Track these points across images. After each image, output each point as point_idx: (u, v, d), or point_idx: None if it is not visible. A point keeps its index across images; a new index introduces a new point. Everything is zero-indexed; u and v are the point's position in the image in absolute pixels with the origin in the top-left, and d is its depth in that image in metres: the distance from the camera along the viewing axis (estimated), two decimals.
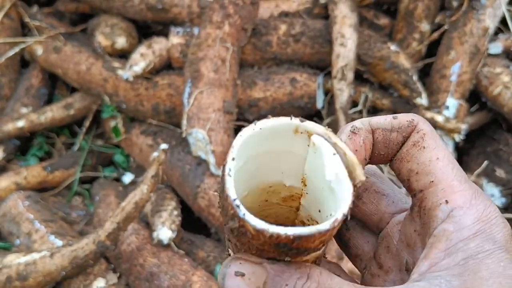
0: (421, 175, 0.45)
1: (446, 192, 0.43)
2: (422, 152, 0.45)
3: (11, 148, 1.68)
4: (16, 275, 1.19)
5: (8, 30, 1.72)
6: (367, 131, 0.47)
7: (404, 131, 0.47)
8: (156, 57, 1.57)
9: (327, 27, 1.55)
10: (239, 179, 0.47)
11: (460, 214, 0.42)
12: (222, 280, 0.43)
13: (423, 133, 0.46)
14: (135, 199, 1.16)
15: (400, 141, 0.47)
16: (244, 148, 0.46)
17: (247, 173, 0.49)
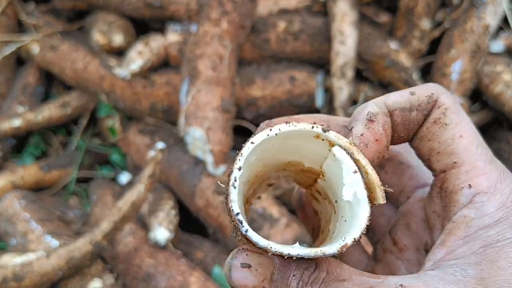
0: (443, 155, 0.41)
1: (470, 174, 0.40)
2: (444, 130, 0.42)
3: (8, 147, 1.67)
4: (12, 276, 1.17)
5: (4, 28, 1.71)
6: (384, 114, 0.43)
7: (424, 109, 0.43)
8: (154, 55, 1.55)
9: (326, 24, 1.54)
10: (252, 165, 0.47)
11: (483, 200, 0.39)
12: (229, 272, 0.42)
13: (444, 108, 0.42)
14: (132, 199, 1.15)
15: (421, 120, 0.43)
16: (256, 149, 0.45)
17: (262, 160, 0.48)
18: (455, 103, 0.42)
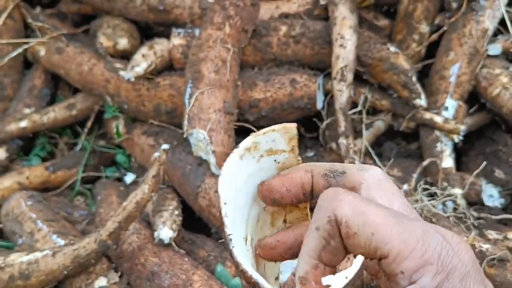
0: (371, 254, 0.43)
1: (398, 261, 0.41)
2: (357, 238, 0.42)
3: (14, 148, 1.69)
4: (19, 274, 1.20)
5: (11, 31, 1.74)
6: (313, 268, 0.44)
7: (334, 234, 0.43)
8: (158, 58, 1.58)
9: (327, 28, 1.56)
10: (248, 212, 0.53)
11: (419, 276, 0.41)
12: None
13: (345, 221, 0.42)
14: (136, 199, 1.17)
15: (340, 241, 0.44)
16: (233, 176, 0.50)
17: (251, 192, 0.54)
18: (354, 205, 0.43)
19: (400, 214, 0.44)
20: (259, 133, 0.51)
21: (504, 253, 1.15)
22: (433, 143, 1.52)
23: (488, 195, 1.49)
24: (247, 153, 0.51)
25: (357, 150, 1.51)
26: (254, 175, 0.53)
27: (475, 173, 1.44)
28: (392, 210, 0.44)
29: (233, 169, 0.51)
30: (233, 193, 0.51)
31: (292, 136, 0.52)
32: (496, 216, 1.39)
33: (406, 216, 0.44)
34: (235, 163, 0.51)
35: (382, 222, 0.41)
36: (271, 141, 0.52)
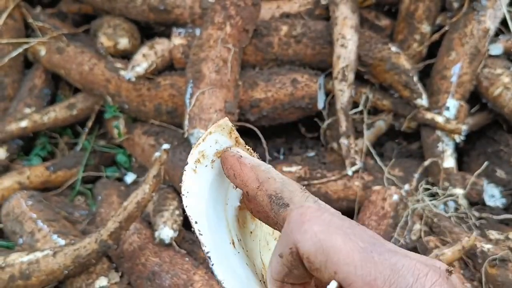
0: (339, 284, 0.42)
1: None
2: (322, 273, 0.41)
3: (14, 148, 1.69)
4: (19, 274, 1.19)
5: (11, 31, 1.73)
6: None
7: (296, 266, 0.43)
8: (158, 57, 1.58)
9: (328, 28, 1.56)
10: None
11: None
12: None
13: (306, 257, 0.42)
14: (137, 199, 1.17)
15: (304, 271, 0.44)
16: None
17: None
18: (317, 240, 0.41)
19: (373, 246, 0.41)
20: (199, 142, 0.53)
21: (505, 253, 1.15)
22: (435, 143, 1.52)
23: (489, 195, 1.48)
24: (198, 164, 0.53)
25: (358, 150, 1.51)
26: (215, 180, 0.54)
27: (477, 173, 1.44)
28: (363, 239, 0.41)
29: (192, 185, 0.52)
30: (203, 208, 0.52)
31: (230, 129, 0.54)
32: (497, 216, 1.39)
33: (379, 249, 0.41)
34: (191, 179, 0.52)
35: (346, 261, 0.40)
36: (214, 143, 0.53)
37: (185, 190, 0.51)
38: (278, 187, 0.48)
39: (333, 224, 0.42)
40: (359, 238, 0.41)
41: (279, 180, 0.49)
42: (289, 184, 0.49)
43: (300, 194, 0.47)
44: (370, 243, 0.41)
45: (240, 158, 0.52)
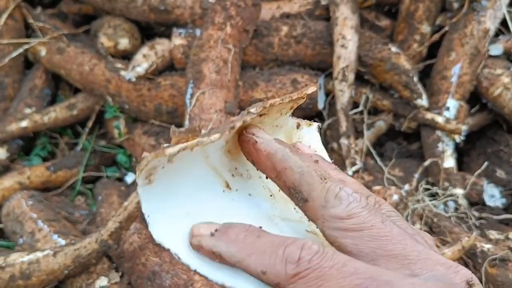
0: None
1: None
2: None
3: (15, 148, 1.69)
4: (20, 274, 1.19)
5: (12, 31, 1.74)
6: None
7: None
8: (159, 58, 1.58)
9: (328, 28, 1.56)
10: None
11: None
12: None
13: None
14: (137, 199, 1.17)
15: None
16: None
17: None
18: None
19: (371, 280, 0.39)
20: (142, 167, 0.44)
21: (505, 253, 1.15)
22: (435, 143, 1.52)
23: (489, 195, 1.49)
24: (151, 177, 0.45)
25: (358, 150, 1.51)
26: (177, 163, 0.46)
27: (477, 173, 1.44)
28: (366, 273, 0.40)
29: (149, 201, 0.45)
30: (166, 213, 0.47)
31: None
32: (497, 216, 1.39)
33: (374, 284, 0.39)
34: (147, 195, 0.45)
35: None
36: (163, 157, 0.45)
37: (145, 212, 0.45)
38: (296, 179, 0.44)
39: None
40: (354, 276, 0.40)
41: (297, 171, 0.45)
42: (308, 174, 0.44)
43: (319, 187, 0.43)
44: (366, 278, 0.39)
45: (255, 144, 0.47)
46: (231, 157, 0.52)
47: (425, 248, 0.42)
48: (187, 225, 0.47)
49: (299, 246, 0.40)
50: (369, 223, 0.42)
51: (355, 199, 0.43)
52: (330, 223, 0.43)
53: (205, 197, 0.49)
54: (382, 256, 0.41)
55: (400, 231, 0.42)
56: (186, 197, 0.48)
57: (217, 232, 0.45)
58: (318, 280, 0.38)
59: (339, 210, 0.43)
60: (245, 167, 0.52)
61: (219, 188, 0.50)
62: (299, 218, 0.52)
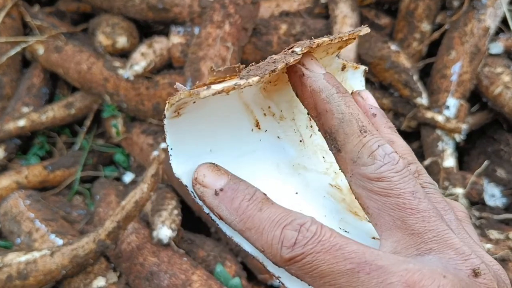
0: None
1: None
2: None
3: (12, 147, 1.68)
4: (17, 274, 1.19)
5: (9, 29, 1.73)
6: None
7: None
8: (157, 56, 1.57)
9: (327, 27, 1.56)
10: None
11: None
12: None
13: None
14: (135, 198, 1.16)
15: None
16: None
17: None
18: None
19: (365, 265, 0.38)
20: (173, 101, 0.41)
21: (506, 252, 1.14)
22: (435, 142, 1.51)
23: (489, 194, 1.48)
24: (180, 110, 0.42)
25: None
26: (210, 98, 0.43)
27: (477, 172, 1.43)
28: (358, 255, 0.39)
29: (176, 133, 0.43)
30: (190, 144, 0.44)
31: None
32: (498, 216, 1.39)
33: (368, 267, 0.38)
34: (174, 129, 0.43)
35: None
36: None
37: (170, 144, 0.43)
38: (334, 126, 0.42)
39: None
40: (348, 260, 0.39)
41: (337, 116, 0.41)
42: (347, 123, 0.41)
43: (356, 140, 0.41)
44: (360, 263, 0.38)
45: (302, 77, 0.43)
46: (266, 95, 0.49)
47: (447, 229, 0.40)
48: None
49: (297, 228, 0.39)
50: (398, 190, 0.40)
51: (391, 161, 0.40)
52: (357, 180, 0.41)
53: (232, 135, 0.47)
54: (399, 229, 0.40)
55: (428, 206, 0.40)
56: (212, 133, 0.46)
57: (221, 193, 0.43)
58: (312, 264, 0.38)
59: (370, 169, 0.40)
60: (279, 107, 0.50)
61: (248, 126, 0.48)
62: (325, 170, 0.50)
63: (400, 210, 0.40)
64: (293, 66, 0.44)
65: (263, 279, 1.28)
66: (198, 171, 0.44)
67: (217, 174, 0.44)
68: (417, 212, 0.40)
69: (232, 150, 0.47)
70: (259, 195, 0.43)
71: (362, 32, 0.47)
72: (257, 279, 1.30)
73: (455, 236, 0.40)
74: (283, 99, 0.49)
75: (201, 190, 0.44)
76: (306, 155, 0.50)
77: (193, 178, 0.44)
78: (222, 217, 0.43)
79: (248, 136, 0.48)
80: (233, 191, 0.43)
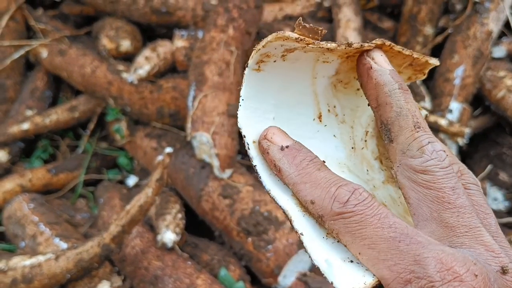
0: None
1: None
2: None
3: (16, 151, 1.69)
4: (22, 278, 1.19)
5: (13, 32, 1.73)
6: None
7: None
8: (161, 60, 1.57)
9: (331, 30, 1.56)
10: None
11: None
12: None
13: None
14: (139, 203, 1.17)
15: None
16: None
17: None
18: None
19: (402, 236, 0.41)
20: (259, 47, 0.45)
21: None
22: None
23: (492, 198, 1.48)
24: (262, 64, 0.46)
25: None
26: (291, 67, 0.47)
27: (480, 177, 1.43)
28: (396, 230, 0.41)
29: (254, 86, 0.47)
30: (266, 107, 0.48)
31: (289, 34, 0.44)
32: (500, 219, 1.39)
33: (408, 240, 0.40)
34: (252, 80, 0.46)
35: (371, 246, 0.41)
36: (280, 46, 0.45)
37: (243, 95, 0.47)
38: (391, 118, 0.44)
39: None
40: (391, 228, 0.41)
41: (395, 110, 0.44)
42: (404, 117, 0.44)
43: (408, 133, 0.43)
44: (402, 233, 0.41)
45: (369, 69, 0.46)
46: (335, 93, 0.52)
47: (479, 226, 0.42)
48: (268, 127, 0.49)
49: (351, 190, 0.42)
50: (440, 184, 0.42)
51: (438, 157, 0.43)
52: (403, 170, 0.44)
53: (296, 114, 0.50)
54: (435, 220, 0.42)
55: (465, 202, 0.42)
56: (281, 103, 0.49)
57: (287, 149, 0.46)
58: (358, 224, 0.41)
59: (416, 162, 0.43)
60: (342, 110, 0.53)
61: (312, 114, 0.51)
62: (366, 180, 0.52)
63: (438, 203, 0.42)
64: (363, 58, 0.47)
65: (267, 283, 1.28)
66: (269, 129, 0.48)
67: (285, 136, 0.47)
68: (454, 206, 0.42)
69: (292, 128, 0.49)
70: (319, 160, 0.46)
71: (432, 61, 0.49)
72: (261, 283, 1.31)
73: (487, 234, 0.42)
74: (348, 105, 0.53)
75: (268, 144, 0.47)
76: (353, 161, 0.54)
77: (263, 134, 0.47)
78: (281, 169, 0.46)
79: (309, 123, 0.51)
80: (297, 151, 0.46)
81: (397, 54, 0.48)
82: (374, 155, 0.53)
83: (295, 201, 0.45)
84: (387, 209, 0.42)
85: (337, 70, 0.50)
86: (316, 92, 0.51)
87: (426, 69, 0.51)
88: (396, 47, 0.47)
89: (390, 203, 0.51)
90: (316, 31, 0.43)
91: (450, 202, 0.42)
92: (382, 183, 0.53)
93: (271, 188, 0.46)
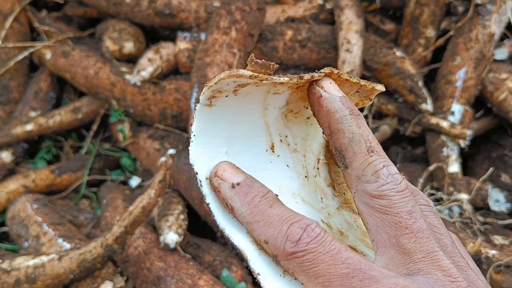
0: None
1: None
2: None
3: (20, 151, 1.69)
4: (25, 278, 1.20)
5: (17, 34, 1.74)
6: None
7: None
8: (164, 62, 1.58)
9: (333, 32, 1.56)
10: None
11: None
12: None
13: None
14: (142, 204, 1.17)
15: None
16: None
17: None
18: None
19: (352, 278, 0.40)
20: (211, 84, 0.45)
21: (510, 259, 1.15)
22: (439, 148, 1.52)
23: (494, 200, 1.48)
24: (213, 100, 0.46)
25: None
26: (242, 100, 0.48)
27: (482, 179, 1.43)
28: (349, 267, 0.41)
29: (205, 121, 0.47)
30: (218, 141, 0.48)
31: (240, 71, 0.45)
32: (502, 221, 1.39)
33: (361, 275, 0.40)
34: (203, 115, 0.46)
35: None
36: (233, 82, 0.45)
37: (194, 131, 0.47)
38: (344, 144, 0.44)
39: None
40: (344, 265, 0.41)
41: (348, 136, 0.44)
42: (357, 142, 0.44)
43: (362, 158, 0.43)
44: (355, 269, 0.40)
45: (320, 98, 0.46)
46: (286, 123, 0.52)
47: (437, 250, 0.42)
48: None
49: (303, 227, 0.42)
50: (396, 209, 0.42)
51: (394, 181, 0.42)
52: (360, 196, 0.43)
53: (249, 146, 0.51)
54: (393, 246, 0.42)
55: (423, 226, 0.42)
56: (232, 137, 0.49)
57: (238, 187, 0.46)
58: (311, 262, 0.40)
59: (372, 187, 0.42)
60: (294, 139, 0.53)
61: (264, 145, 0.52)
62: (321, 208, 0.53)
63: (396, 229, 0.42)
64: (313, 88, 0.47)
65: None
66: (219, 166, 0.47)
67: (236, 171, 0.47)
68: (411, 231, 0.42)
69: (245, 160, 0.50)
70: (271, 194, 0.46)
71: (378, 87, 0.50)
72: None
73: (445, 258, 0.42)
74: (299, 134, 0.53)
75: (219, 182, 0.47)
76: (307, 190, 0.54)
77: (213, 171, 0.47)
78: (234, 208, 0.45)
79: (262, 154, 0.51)
80: (249, 187, 0.46)
81: (344, 82, 0.48)
82: (327, 182, 0.54)
83: (250, 239, 0.45)
84: (340, 244, 0.41)
85: (288, 101, 0.51)
86: (267, 123, 0.51)
87: (372, 95, 0.51)
88: (343, 75, 0.47)
89: (347, 228, 0.51)
90: (268, 66, 0.44)
91: (407, 227, 0.42)
92: (337, 209, 0.53)
93: (225, 227, 0.46)
